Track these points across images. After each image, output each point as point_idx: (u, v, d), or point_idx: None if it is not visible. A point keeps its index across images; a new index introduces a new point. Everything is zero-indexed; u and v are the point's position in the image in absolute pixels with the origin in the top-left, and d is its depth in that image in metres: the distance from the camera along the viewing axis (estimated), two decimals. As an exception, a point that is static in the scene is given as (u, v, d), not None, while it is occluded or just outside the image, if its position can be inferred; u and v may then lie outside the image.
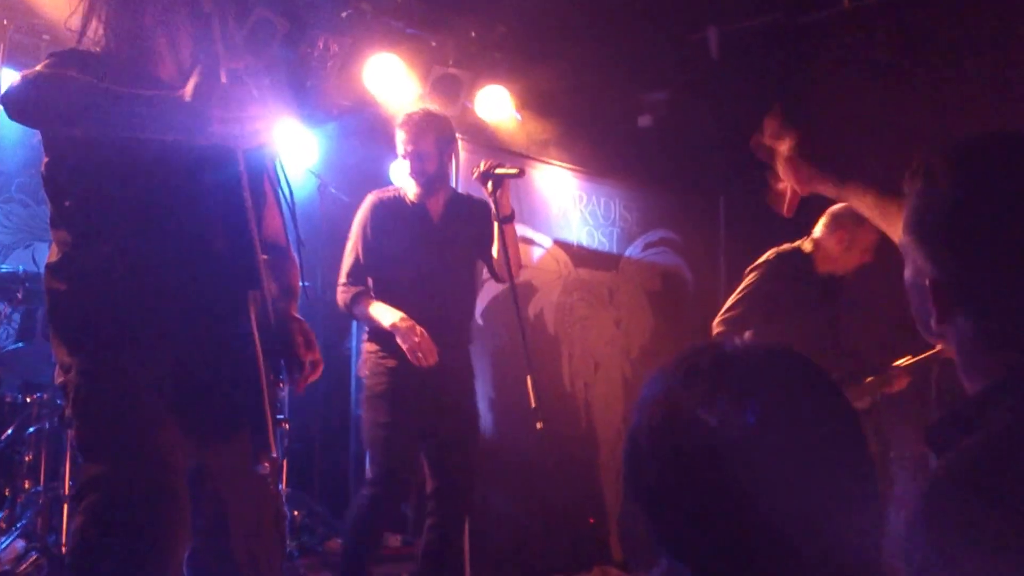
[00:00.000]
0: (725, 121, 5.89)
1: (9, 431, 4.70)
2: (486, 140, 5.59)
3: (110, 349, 1.94)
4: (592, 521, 5.30)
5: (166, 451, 1.91)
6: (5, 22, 3.92)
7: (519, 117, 5.76)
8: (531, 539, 4.93)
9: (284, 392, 2.01)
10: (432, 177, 3.74)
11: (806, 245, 4.18)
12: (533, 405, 3.35)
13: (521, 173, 3.62)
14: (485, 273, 4.21)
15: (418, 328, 3.54)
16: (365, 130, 5.78)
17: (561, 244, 5.57)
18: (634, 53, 5.97)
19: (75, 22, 2.04)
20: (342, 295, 3.76)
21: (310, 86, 5.27)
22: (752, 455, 0.89)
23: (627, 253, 5.88)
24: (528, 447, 4.30)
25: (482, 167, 3.55)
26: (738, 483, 0.89)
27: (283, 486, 5.31)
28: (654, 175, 6.04)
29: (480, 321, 5.04)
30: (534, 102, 5.77)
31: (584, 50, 5.87)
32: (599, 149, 6.08)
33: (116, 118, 1.84)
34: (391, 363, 3.64)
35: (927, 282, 1.18)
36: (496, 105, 5.62)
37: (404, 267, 3.70)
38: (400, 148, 3.75)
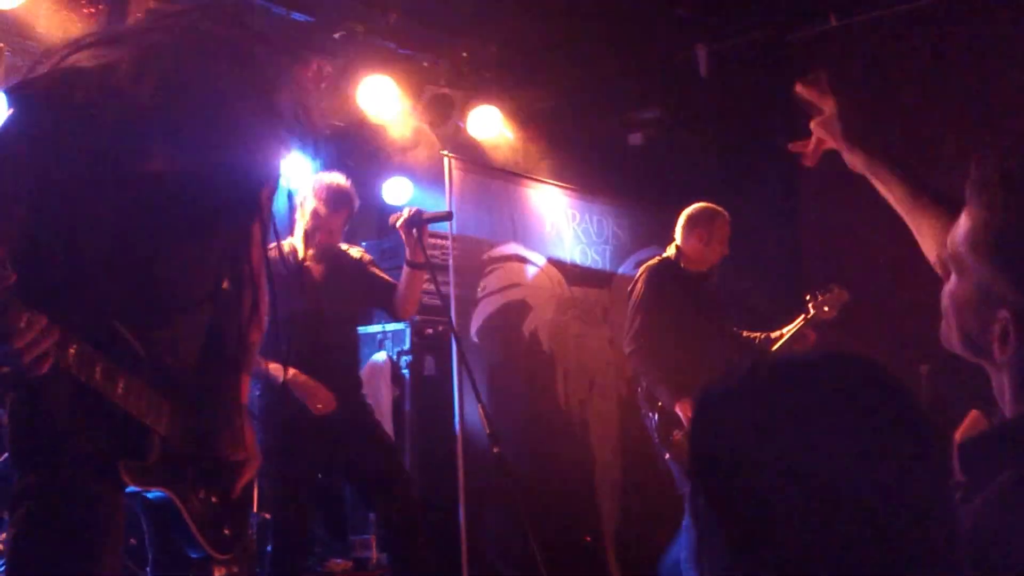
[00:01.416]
0: (715, 138, 5.95)
1: (5, 454, 4.68)
2: (477, 159, 5.62)
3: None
4: (588, 540, 5.28)
5: (93, 456, 1.90)
6: (2, 46, 3.92)
7: (510, 136, 5.80)
8: (527, 558, 4.91)
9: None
10: (328, 247, 3.91)
11: (670, 251, 4.54)
12: (488, 431, 3.51)
13: (450, 215, 3.80)
14: (484, 291, 4.30)
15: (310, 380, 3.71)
16: (357, 150, 5.81)
17: (555, 262, 5.58)
18: (624, 72, 6.03)
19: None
20: None
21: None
22: (821, 462, 0.88)
23: (620, 271, 5.90)
24: (523, 466, 4.32)
25: (406, 214, 3.64)
26: (811, 490, 0.88)
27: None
28: (646, 193, 6.08)
29: (476, 339, 5.05)
30: (525, 121, 5.81)
31: (575, 69, 5.92)
32: (591, 167, 6.12)
33: None
34: (284, 415, 3.73)
35: (1006, 310, 1.13)
36: (488, 124, 5.66)
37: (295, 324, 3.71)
38: (307, 213, 3.83)
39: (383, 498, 3.87)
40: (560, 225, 5.69)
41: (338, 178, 3.90)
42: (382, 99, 5.24)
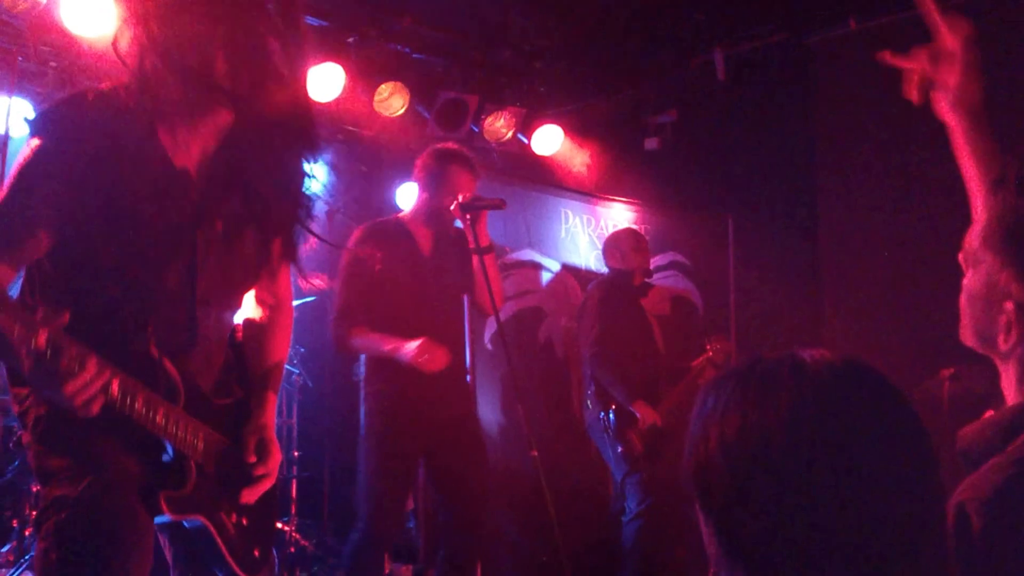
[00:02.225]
0: (732, 142, 5.89)
1: (16, 462, 4.67)
2: (492, 163, 5.58)
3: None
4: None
5: (127, 474, 1.88)
6: (14, 50, 3.93)
7: (525, 140, 5.76)
8: (542, 567, 4.86)
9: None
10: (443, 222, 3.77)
11: (622, 265, 4.95)
12: (526, 433, 3.42)
13: (503, 204, 3.63)
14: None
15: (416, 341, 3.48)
16: (370, 155, 5.79)
17: (569, 268, 5.54)
18: (640, 76, 5.98)
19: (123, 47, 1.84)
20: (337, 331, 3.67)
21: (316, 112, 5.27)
22: (831, 467, 0.88)
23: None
24: (537, 474, 4.26)
25: (460, 199, 3.54)
26: (816, 495, 0.88)
27: (292, 514, 5.27)
28: (662, 197, 6.03)
29: (489, 346, 5.00)
30: (540, 125, 5.77)
31: (590, 73, 5.88)
32: (606, 172, 6.07)
33: None
34: (388, 401, 3.60)
35: (1011, 302, 1.18)
36: (502, 129, 5.62)
37: (400, 298, 3.65)
38: (459, 188, 3.62)
39: (449, 503, 3.69)
40: (575, 231, 5.65)
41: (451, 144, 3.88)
42: (395, 103, 5.22)
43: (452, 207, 3.56)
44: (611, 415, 4.68)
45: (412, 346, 3.44)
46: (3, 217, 1.76)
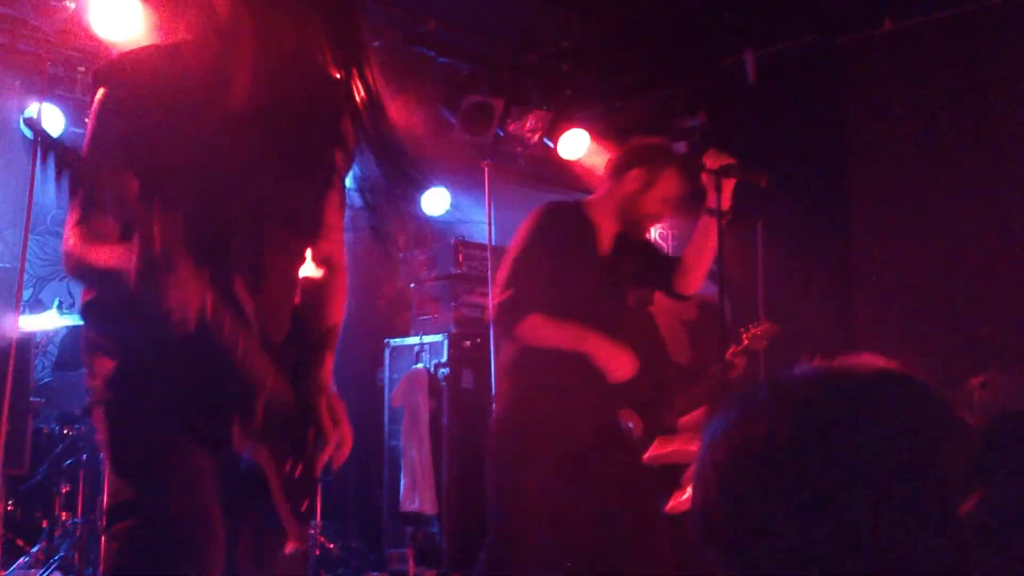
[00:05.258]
0: (762, 145, 5.81)
1: (46, 463, 4.72)
2: (519, 167, 5.55)
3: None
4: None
5: (199, 475, 1.88)
6: (43, 55, 3.97)
7: (551, 144, 5.73)
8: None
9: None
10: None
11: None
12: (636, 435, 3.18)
13: (763, 180, 3.21)
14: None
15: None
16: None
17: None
18: (668, 79, 5.92)
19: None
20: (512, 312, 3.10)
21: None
22: (820, 487, 0.86)
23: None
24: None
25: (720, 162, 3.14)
26: (806, 518, 0.86)
27: (317, 519, 5.28)
28: (689, 202, 5.96)
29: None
30: (567, 129, 5.73)
31: (618, 76, 5.84)
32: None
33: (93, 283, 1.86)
34: (572, 406, 3.05)
35: None
36: (529, 132, 5.59)
37: (568, 292, 3.14)
38: (669, 194, 3.30)
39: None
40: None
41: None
42: (421, 108, 5.21)
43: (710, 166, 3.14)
44: None
45: (610, 345, 3.03)
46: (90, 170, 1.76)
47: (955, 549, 0.87)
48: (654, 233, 5.81)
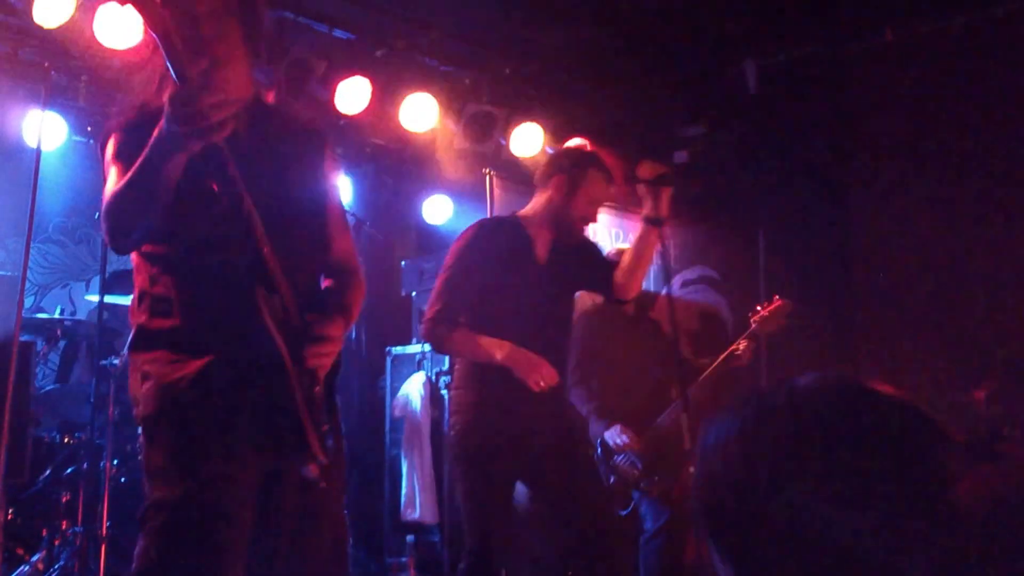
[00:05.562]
0: (763, 155, 5.82)
1: (47, 471, 4.71)
2: (520, 177, 5.56)
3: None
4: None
5: (231, 473, 1.96)
6: (46, 64, 3.97)
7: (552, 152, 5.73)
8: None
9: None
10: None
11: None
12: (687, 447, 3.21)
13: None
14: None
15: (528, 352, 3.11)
16: (399, 168, 5.79)
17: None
18: (669, 88, 5.93)
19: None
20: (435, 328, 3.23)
21: (343, 125, 5.29)
22: (831, 497, 0.86)
23: (665, 290, 5.77)
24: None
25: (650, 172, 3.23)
26: (820, 527, 0.86)
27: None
28: (691, 211, 5.97)
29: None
30: (569, 138, 5.73)
31: (619, 85, 5.85)
32: (635, 185, 6.02)
33: (137, 203, 1.93)
34: (491, 415, 3.17)
35: None
36: (530, 141, 5.60)
37: (508, 303, 3.25)
38: (595, 196, 3.39)
39: (569, 532, 3.20)
40: (603, 244, 5.59)
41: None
42: (423, 116, 5.22)
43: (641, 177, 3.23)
44: (598, 445, 4.21)
45: (526, 357, 3.09)
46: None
47: (954, 549, 0.88)
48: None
